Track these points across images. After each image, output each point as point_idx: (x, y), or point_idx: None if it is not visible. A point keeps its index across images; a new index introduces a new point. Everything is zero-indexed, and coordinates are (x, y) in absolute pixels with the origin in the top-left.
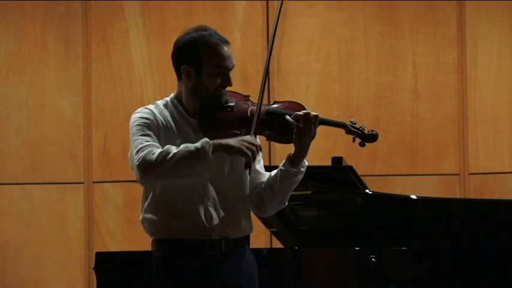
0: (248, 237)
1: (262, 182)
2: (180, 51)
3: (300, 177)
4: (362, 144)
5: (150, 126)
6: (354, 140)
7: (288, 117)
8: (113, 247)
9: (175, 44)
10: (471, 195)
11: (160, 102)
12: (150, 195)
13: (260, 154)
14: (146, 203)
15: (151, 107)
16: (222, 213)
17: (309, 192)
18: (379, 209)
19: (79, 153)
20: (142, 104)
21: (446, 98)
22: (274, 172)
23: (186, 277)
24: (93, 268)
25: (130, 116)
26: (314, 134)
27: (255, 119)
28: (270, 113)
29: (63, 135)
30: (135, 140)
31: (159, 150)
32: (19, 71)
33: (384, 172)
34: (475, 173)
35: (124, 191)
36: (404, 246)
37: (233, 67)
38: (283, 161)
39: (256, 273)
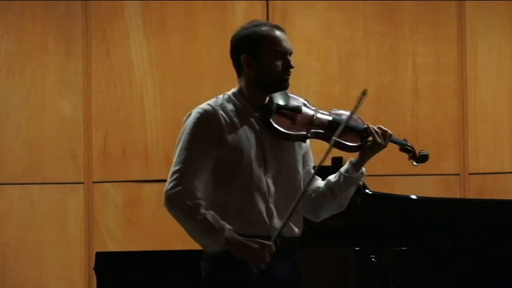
0: (297, 238)
1: (319, 187)
2: (236, 44)
3: (363, 179)
4: (415, 163)
5: (204, 138)
6: (410, 159)
7: (371, 129)
8: (113, 247)
9: (231, 41)
10: (471, 195)
11: (221, 97)
12: (210, 191)
13: (311, 160)
14: (208, 199)
15: (212, 103)
16: (281, 211)
17: None
18: (379, 209)
19: (79, 153)
20: (142, 104)
21: (446, 98)
22: (332, 177)
23: (245, 272)
24: (93, 268)
25: (130, 116)
26: None
27: (340, 128)
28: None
29: (63, 135)
30: (179, 153)
31: (191, 202)
32: (19, 71)
33: (384, 172)
34: (475, 173)
35: (124, 191)
36: (404, 246)
37: (291, 50)
38: (345, 167)
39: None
